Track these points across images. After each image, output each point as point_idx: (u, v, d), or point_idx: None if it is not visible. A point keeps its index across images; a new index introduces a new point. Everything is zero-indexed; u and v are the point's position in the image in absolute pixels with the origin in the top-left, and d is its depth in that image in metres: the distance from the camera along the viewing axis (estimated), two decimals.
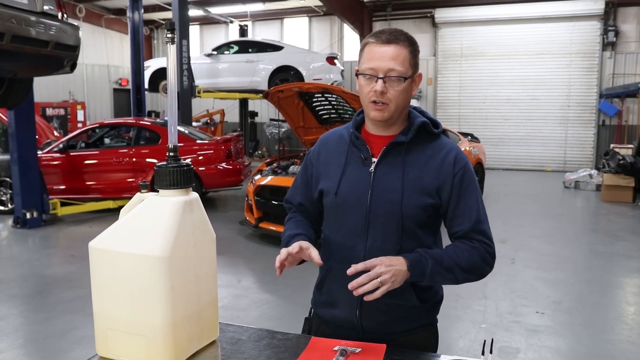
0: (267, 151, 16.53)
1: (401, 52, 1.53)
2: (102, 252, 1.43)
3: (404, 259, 1.47)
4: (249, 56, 12.02)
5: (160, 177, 1.43)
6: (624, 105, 13.49)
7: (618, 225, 7.94)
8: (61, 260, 6.14)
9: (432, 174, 1.56)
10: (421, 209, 1.55)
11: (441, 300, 1.70)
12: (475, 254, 1.54)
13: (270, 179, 6.68)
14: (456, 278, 1.53)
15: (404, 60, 1.53)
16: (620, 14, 13.67)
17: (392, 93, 1.52)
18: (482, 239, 1.56)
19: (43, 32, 4.81)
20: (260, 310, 4.59)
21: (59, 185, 8.27)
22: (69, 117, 14.14)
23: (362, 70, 1.55)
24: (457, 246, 1.56)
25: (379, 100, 1.52)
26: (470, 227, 1.56)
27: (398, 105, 1.55)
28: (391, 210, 1.54)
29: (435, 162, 1.57)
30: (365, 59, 1.55)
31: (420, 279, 1.50)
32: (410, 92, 1.57)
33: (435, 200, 1.56)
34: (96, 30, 16.47)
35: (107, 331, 1.45)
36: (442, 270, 1.50)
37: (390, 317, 1.60)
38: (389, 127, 1.61)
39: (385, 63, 1.51)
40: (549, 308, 4.59)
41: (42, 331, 4.10)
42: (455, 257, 1.52)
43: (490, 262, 1.58)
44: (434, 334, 1.70)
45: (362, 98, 1.58)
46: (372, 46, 1.55)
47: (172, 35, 1.41)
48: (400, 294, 1.56)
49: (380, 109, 1.54)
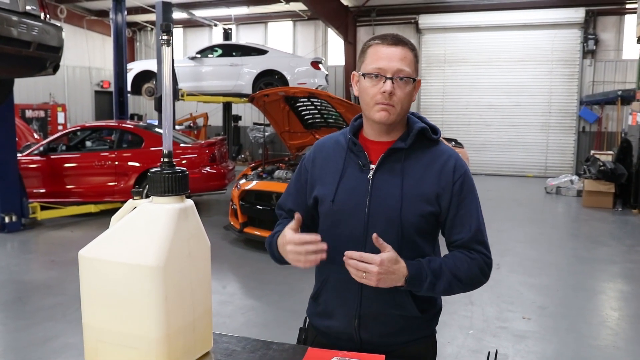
0: (250, 155, 16.46)
1: (408, 54, 1.51)
2: (93, 261, 1.37)
3: (407, 270, 1.44)
4: (233, 60, 11.94)
5: (154, 183, 1.38)
6: (604, 112, 13.71)
7: (599, 230, 8.04)
8: (41, 265, 6.00)
9: (432, 181, 1.53)
10: (421, 217, 1.52)
11: (440, 310, 1.67)
12: (474, 265, 1.52)
13: (255, 183, 6.62)
14: (452, 290, 1.51)
15: (410, 63, 1.51)
16: (600, 22, 13.92)
17: (399, 95, 1.50)
18: (481, 250, 1.54)
19: (25, 32, 4.71)
20: (246, 317, 4.53)
21: (39, 189, 8.10)
22: (49, 120, 13.90)
23: (368, 70, 1.51)
24: (457, 257, 1.53)
25: (386, 101, 1.49)
26: (470, 237, 1.54)
27: (403, 108, 1.52)
28: (390, 218, 1.51)
29: (434, 169, 1.54)
30: (371, 60, 1.51)
31: (415, 290, 1.49)
32: (412, 97, 1.54)
33: (435, 207, 1.53)
34: (78, 32, 16.25)
35: (97, 344, 1.39)
36: (438, 285, 1.48)
37: (390, 328, 1.57)
38: (389, 132, 1.58)
39: (394, 63, 1.48)
40: (534, 313, 4.61)
41: (22, 339, 3.99)
42: (454, 270, 1.50)
43: (487, 273, 1.56)
44: (432, 345, 1.67)
45: (365, 100, 1.53)
46: (378, 47, 1.52)
47: (168, 37, 1.36)
48: (400, 304, 1.53)
49: (387, 110, 1.50)
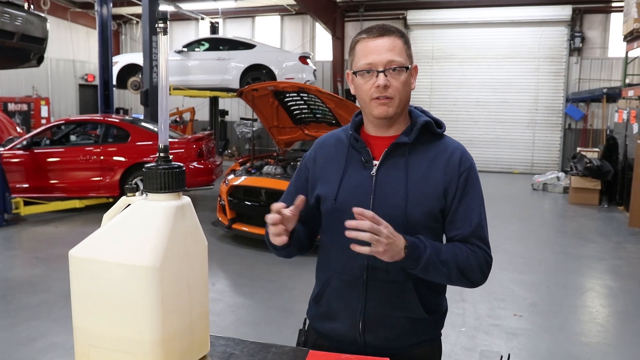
0: (237, 150, 16.34)
1: (396, 42, 1.46)
2: (84, 261, 1.30)
3: (404, 238, 1.37)
4: (220, 54, 11.81)
5: (149, 179, 1.31)
6: (590, 109, 13.82)
7: (586, 227, 8.08)
8: (25, 262, 5.87)
9: (438, 175, 1.48)
10: (427, 214, 1.47)
11: (446, 312, 1.61)
12: (474, 258, 1.46)
13: (243, 179, 6.54)
14: (450, 275, 1.43)
15: (400, 51, 1.46)
16: (586, 20, 14.01)
17: (396, 85, 1.45)
18: (481, 246, 1.49)
19: (8, 22, 4.59)
20: (236, 315, 4.47)
21: (22, 184, 7.94)
22: (32, 113, 13.64)
23: (359, 67, 1.47)
24: (457, 245, 1.47)
25: (382, 95, 1.44)
26: (470, 232, 1.48)
27: (402, 99, 1.48)
28: (395, 216, 1.44)
29: (439, 163, 1.49)
30: (360, 56, 1.47)
31: (414, 265, 1.38)
32: (410, 85, 1.49)
33: (442, 203, 1.48)
34: (61, 24, 15.96)
35: (89, 348, 1.32)
36: (437, 262, 1.40)
37: (396, 331, 1.52)
38: (391, 126, 1.53)
39: (383, 55, 1.44)
40: (526, 311, 4.61)
41: (6, 339, 3.88)
42: (453, 254, 1.43)
43: (486, 272, 1.50)
44: (438, 348, 1.62)
45: (362, 98, 1.49)
46: (365, 42, 1.47)
47: (165, 25, 1.29)
48: (407, 306, 1.48)
49: (385, 104, 1.46)
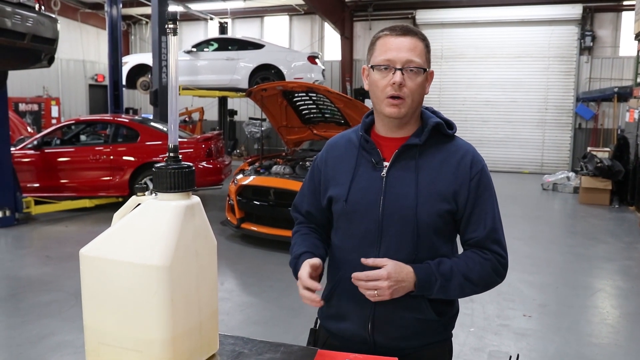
0: (245, 150, 16.37)
1: (418, 44, 1.46)
2: (95, 260, 1.31)
3: (414, 275, 1.42)
4: (229, 54, 11.84)
5: (159, 179, 1.31)
6: (600, 109, 13.71)
7: (597, 227, 8.03)
8: (36, 261, 5.92)
9: (448, 178, 1.48)
10: (437, 216, 1.46)
11: (457, 313, 1.61)
12: (488, 266, 1.48)
13: (252, 178, 6.55)
14: (464, 292, 1.48)
15: (420, 53, 1.46)
16: (597, 19, 13.90)
17: (410, 86, 1.44)
18: (496, 249, 1.50)
19: (19, 23, 4.62)
20: (245, 314, 4.48)
21: (33, 183, 8.01)
22: (42, 113, 13.77)
23: (377, 62, 1.46)
24: (469, 258, 1.49)
25: (397, 94, 1.44)
26: (485, 235, 1.49)
27: (414, 101, 1.47)
28: (405, 217, 1.45)
29: (450, 165, 1.49)
30: (380, 51, 1.47)
31: (426, 295, 1.46)
32: (424, 89, 1.49)
33: (452, 205, 1.48)
34: (71, 25, 16.08)
35: (99, 346, 1.33)
36: (450, 288, 1.45)
37: (406, 332, 1.52)
38: (402, 127, 1.53)
39: (403, 54, 1.43)
40: (535, 311, 4.58)
41: (17, 337, 3.91)
42: (466, 272, 1.46)
43: (502, 273, 1.51)
44: (449, 350, 1.61)
45: (375, 94, 1.48)
46: (386, 38, 1.47)
47: (175, 25, 1.29)
48: (417, 307, 1.48)
49: (397, 105, 1.45)
